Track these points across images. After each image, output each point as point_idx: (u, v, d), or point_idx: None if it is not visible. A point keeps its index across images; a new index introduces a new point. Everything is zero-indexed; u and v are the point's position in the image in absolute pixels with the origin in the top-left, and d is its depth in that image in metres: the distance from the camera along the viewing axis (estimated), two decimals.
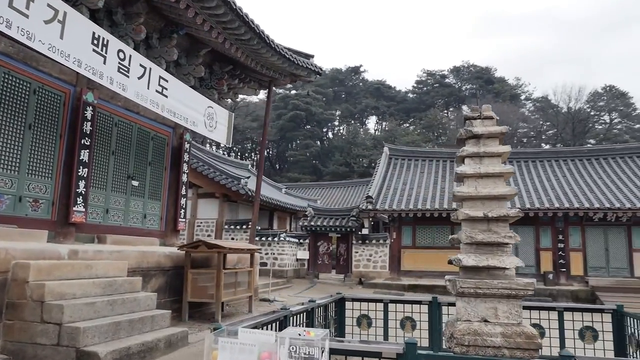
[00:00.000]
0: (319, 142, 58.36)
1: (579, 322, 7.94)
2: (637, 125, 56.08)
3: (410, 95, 65.51)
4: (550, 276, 19.67)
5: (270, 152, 62.47)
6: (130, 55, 9.34)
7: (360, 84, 65.78)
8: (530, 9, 78.56)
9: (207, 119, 12.64)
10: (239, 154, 57.02)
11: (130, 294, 8.53)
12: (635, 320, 7.49)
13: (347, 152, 54.90)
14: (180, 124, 11.60)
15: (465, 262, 6.02)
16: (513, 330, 5.74)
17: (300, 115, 54.09)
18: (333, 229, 22.66)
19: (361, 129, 62.24)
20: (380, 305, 9.11)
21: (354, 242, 22.39)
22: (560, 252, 20.18)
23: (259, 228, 21.73)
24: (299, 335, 4.21)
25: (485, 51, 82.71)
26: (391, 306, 9.01)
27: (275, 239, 21.10)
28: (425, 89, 64.16)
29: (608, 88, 58.03)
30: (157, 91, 10.31)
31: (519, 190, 21.69)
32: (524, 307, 7.57)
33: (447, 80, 64.32)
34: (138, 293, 8.77)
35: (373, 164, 53.39)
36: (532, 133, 59.57)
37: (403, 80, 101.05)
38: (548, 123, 58.54)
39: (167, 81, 10.70)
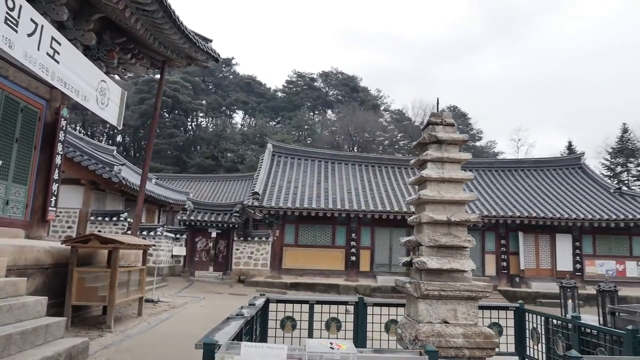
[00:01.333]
0: (184, 132, 55.44)
1: (487, 319, 8.61)
2: (472, 143, 64.42)
3: (280, 94, 66.06)
4: None
5: (127, 139, 57.47)
6: (21, 6, 7.63)
7: (231, 76, 64.28)
8: (384, 29, 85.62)
9: (100, 95, 11.00)
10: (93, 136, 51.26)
11: (15, 298, 7.01)
12: (535, 315, 8.46)
13: (215, 145, 53.14)
14: (69, 96, 9.84)
15: (430, 264, 6.08)
16: (473, 330, 5.97)
17: (166, 102, 50.63)
18: (214, 225, 21.59)
19: (230, 123, 60.84)
20: (306, 307, 8.84)
21: (235, 238, 21.64)
22: None
23: (130, 221, 19.69)
24: (331, 349, 3.76)
25: (351, 61, 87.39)
26: (317, 307, 8.82)
27: (152, 233, 19.35)
28: (295, 89, 65.25)
29: (452, 108, 65.73)
30: (48, 54, 8.62)
31: (389, 195, 23.24)
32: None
33: (316, 83, 66.30)
34: (24, 297, 7.24)
35: (242, 160, 52.60)
36: (386, 142, 64.55)
37: (274, 78, 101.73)
38: (402, 134, 64.04)
39: (59, 44, 9.00)
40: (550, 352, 7.99)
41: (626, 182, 44.99)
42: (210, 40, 15.36)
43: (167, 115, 53.72)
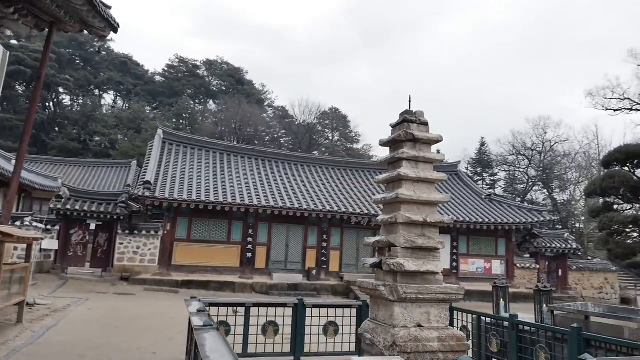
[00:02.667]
0: (44, 109, 48.82)
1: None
2: (350, 145, 67.14)
3: (160, 78, 61.79)
4: (314, 272, 21.46)
5: None
6: None
7: (104, 52, 58.25)
8: (265, 25, 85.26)
9: None
10: None
11: None
12: (463, 313, 8.81)
13: (83, 126, 47.73)
14: None
15: (408, 267, 5.90)
16: (446, 334, 5.91)
17: (24, 72, 44.11)
18: (94, 215, 19.16)
19: (100, 104, 55.16)
20: (241, 310, 8.09)
21: (119, 231, 19.46)
22: (322, 250, 22.29)
23: None
24: None
25: (233, 53, 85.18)
26: (253, 310, 8.12)
27: (17, 223, 16.48)
28: (176, 75, 61.53)
29: (334, 109, 67.75)
30: None
31: (287, 191, 23.01)
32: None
33: (199, 71, 63.33)
34: None
35: (113, 145, 47.92)
36: (267, 138, 64.28)
37: (154, 61, 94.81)
38: (285, 131, 64.31)
39: None
40: (481, 350, 8.36)
41: (482, 189, 50.75)
42: (110, 7, 13.54)
43: (22, 88, 46.82)
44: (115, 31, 14.00)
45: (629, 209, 18.21)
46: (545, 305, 7.41)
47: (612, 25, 75.05)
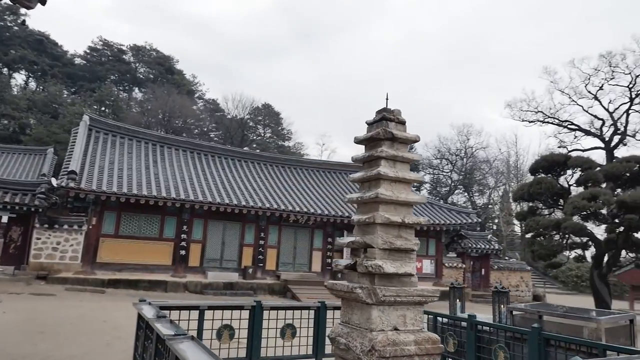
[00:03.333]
0: None
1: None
2: (282, 142, 66.75)
3: (80, 60, 57.57)
4: (250, 270, 20.89)
5: None
6: None
7: (17, 28, 53.12)
8: (196, 13, 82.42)
9: None
10: None
11: None
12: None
13: None
14: None
15: (387, 269, 5.73)
16: (422, 336, 5.81)
17: None
18: (6, 207, 17.25)
19: (9, 84, 50.24)
20: (195, 314, 7.50)
21: (37, 225, 17.68)
22: (260, 249, 21.76)
23: None
24: None
25: (163, 39, 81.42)
26: (208, 314, 7.57)
27: None
28: (99, 58, 57.70)
29: (266, 105, 66.96)
30: None
31: (225, 187, 22.24)
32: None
33: (125, 56, 59.81)
34: None
35: (23, 130, 43.77)
36: (196, 130, 62.21)
37: (75, 42, 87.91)
38: (215, 124, 62.56)
39: None
40: None
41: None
42: None
43: None
44: (44, 3, 12.67)
45: (548, 214, 19.52)
46: (503, 306, 7.60)
47: (529, 41, 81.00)
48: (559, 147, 41.31)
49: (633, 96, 39.84)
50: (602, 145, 41.58)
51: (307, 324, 8.27)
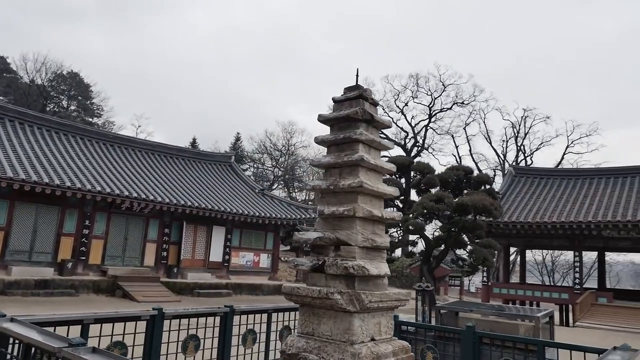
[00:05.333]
0: None
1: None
2: (89, 118, 58.71)
3: None
4: (69, 265, 17.40)
5: None
6: None
7: None
8: None
9: None
10: None
11: None
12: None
13: None
14: None
15: (371, 270, 5.02)
16: (397, 346, 5.28)
17: None
18: None
19: None
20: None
21: None
22: (83, 239, 18.26)
23: None
24: None
25: None
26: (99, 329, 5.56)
27: None
28: None
29: (72, 74, 58.01)
30: None
31: (41, 162, 18.16)
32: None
33: None
34: None
35: None
36: None
37: None
38: (3, 88, 51.72)
39: None
40: None
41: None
42: None
43: None
44: None
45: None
46: (425, 306, 7.49)
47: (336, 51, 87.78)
48: None
49: (431, 114, 46.73)
50: (404, 154, 47.36)
51: (212, 333, 6.90)
